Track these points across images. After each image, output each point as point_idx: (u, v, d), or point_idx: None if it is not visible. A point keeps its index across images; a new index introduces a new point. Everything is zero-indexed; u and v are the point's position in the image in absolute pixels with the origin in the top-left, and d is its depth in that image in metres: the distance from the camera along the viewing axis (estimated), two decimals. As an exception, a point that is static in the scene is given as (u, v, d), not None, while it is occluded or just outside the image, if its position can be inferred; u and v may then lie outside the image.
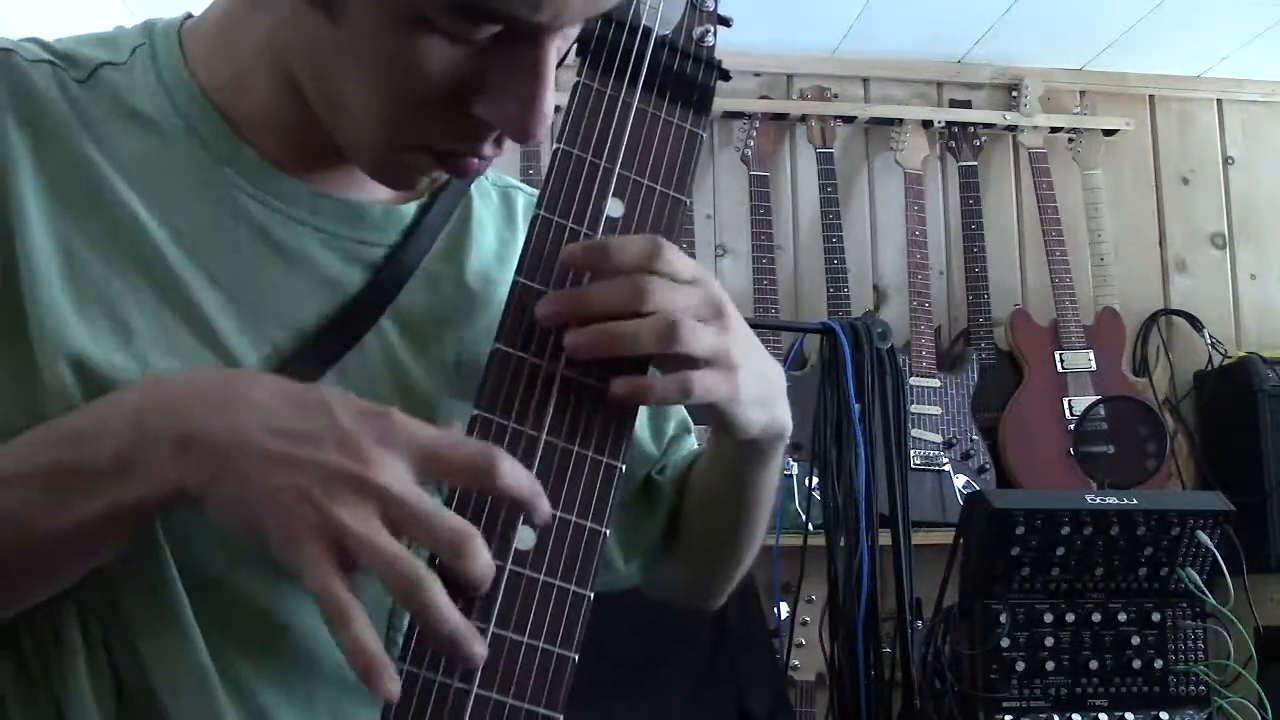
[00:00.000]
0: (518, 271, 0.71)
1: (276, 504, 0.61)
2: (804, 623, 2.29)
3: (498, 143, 0.74)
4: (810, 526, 2.14)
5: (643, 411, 0.96)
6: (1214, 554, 1.96)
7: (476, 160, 0.75)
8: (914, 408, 2.80)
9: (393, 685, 0.60)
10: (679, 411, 1.00)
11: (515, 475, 0.64)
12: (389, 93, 0.70)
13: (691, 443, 1.00)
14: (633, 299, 0.69)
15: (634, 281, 0.70)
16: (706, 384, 0.72)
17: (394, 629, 0.78)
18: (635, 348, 0.69)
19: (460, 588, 0.63)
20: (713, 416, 0.78)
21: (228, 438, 0.63)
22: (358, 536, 0.60)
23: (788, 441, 0.88)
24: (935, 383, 2.89)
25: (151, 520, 0.67)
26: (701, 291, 0.73)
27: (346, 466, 0.61)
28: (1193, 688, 1.99)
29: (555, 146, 0.73)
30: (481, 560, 0.62)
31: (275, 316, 0.76)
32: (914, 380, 2.84)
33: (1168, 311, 3.15)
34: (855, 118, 3.08)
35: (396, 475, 0.62)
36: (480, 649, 0.63)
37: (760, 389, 0.77)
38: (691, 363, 0.71)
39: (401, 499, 0.61)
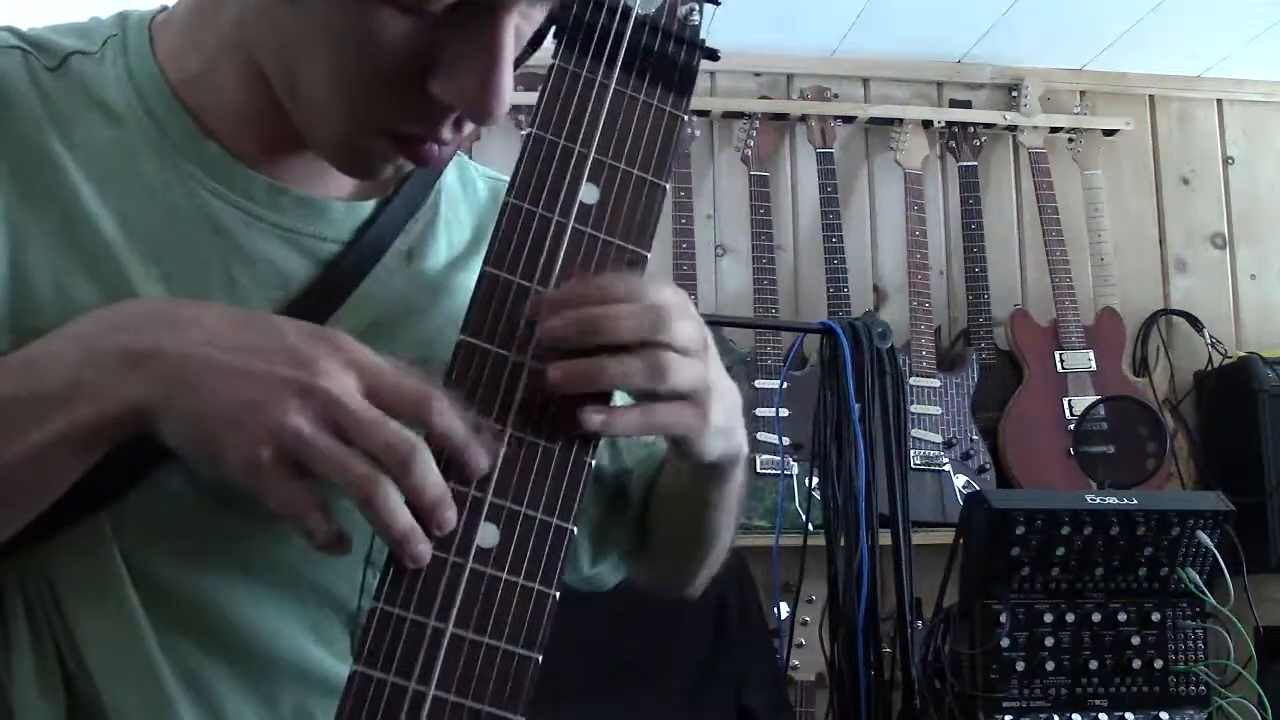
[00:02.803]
0: (486, 261, 0.68)
1: (229, 417, 0.61)
2: (804, 623, 2.29)
3: (457, 126, 0.73)
4: (810, 526, 2.14)
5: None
6: (1214, 554, 1.96)
7: (437, 146, 0.74)
8: (914, 408, 2.80)
9: (339, 535, 0.62)
10: None
11: (451, 419, 0.63)
12: (346, 70, 0.69)
13: (663, 444, 1.00)
14: (651, 331, 0.67)
15: (654, 312, 0.68)
16: (682, 418, 0.71)
17: (357, 625, 0.78)
18: (620, 385, 0.68)
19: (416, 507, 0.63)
20: (673, 441, 0.77)
21: (179, 353, 0.63)
22: (308, 441, 0.61)
23: (744, 462, 0.86)
24: (935, 383, 2.89)
25: (109, 441, 0.66)
26: (693, 325, 0.71)
27: (295, 376, 0.62)
28: (1193, 688, 1.99)
29: (528, 131, 0.70)
30: (428, 469, 0.62)
31: None
32: (914, 380, 2.84)
33: (1168, 311, 3.15)
34: (855, 118, 3.08)
35: (344, 385, 0.62)
36: (426, 547, 0.63)
37: (725, 418, 0.75)
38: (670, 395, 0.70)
39: (349, 406, 0.61)
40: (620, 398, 0.90)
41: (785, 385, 2.49)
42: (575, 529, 0.67)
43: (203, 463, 0.63)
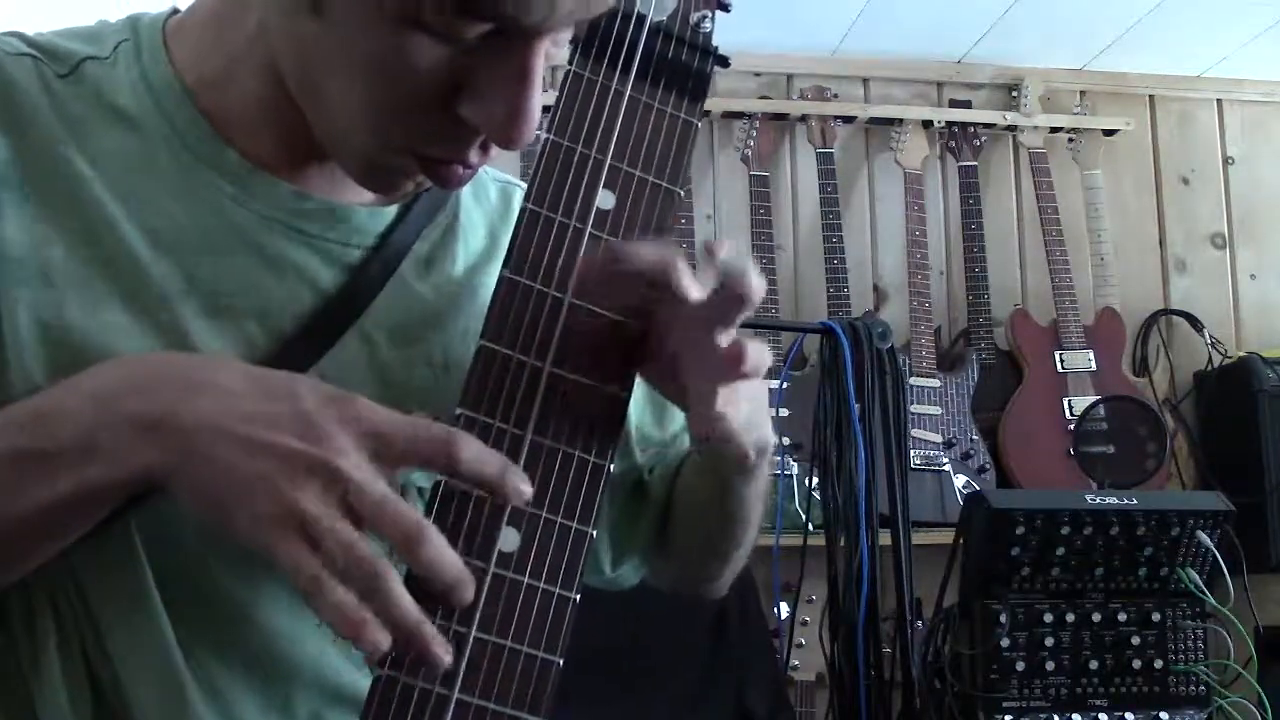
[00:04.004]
0: (505, 266, 0.69)
1: (240, 489, 0.61)
2: (804, 623, 2.29)
3: (484, 149, 0.73)
4: (810, 526, 2.14)
5: (645, 409, 0.95)
6: (1214, 554, 1.96)
7: (461, 169, 0.73)
8: (914, 408, 2.80)
9: (381, 635, 0.60)
10: (672, 419, 0.98)
11: (479, 455, 0.63)
12: (374, 92, 0.69)
13: (684, 442, 0.99)
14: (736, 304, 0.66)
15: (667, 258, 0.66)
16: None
17: None
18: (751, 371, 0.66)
19: (431, 591, 0.62)
20: (699, 441, 0.76)
21: (194, 422, 0.62)
22: (317, 524, 0.60)
23: (769, 455, 0.85)
24: (935, 383, 2.89)
25: (118, 500, 0.66)
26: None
27: (308, 451, 0.61)
28: (1193, 688, 1.99)
29: (544, 137, 0.71)
30: (434, 550, 0.61)
31: (254, 319, 0.76)
32: (914, 380, 2.84)
33: (1168, 311, 3.15)
34: (855, 118, 3.08)
35: (357, 462, 0.61)
36: (442, 651, 0.61)
37: (750, 413, 0.75)
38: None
39: (359, 485, 0.61)
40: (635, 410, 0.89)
41: (785, 385, 2.49)
42: (595, 533, 0.67)
43: (212, 522, 0.63)
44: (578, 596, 0.66)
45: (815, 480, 2.06)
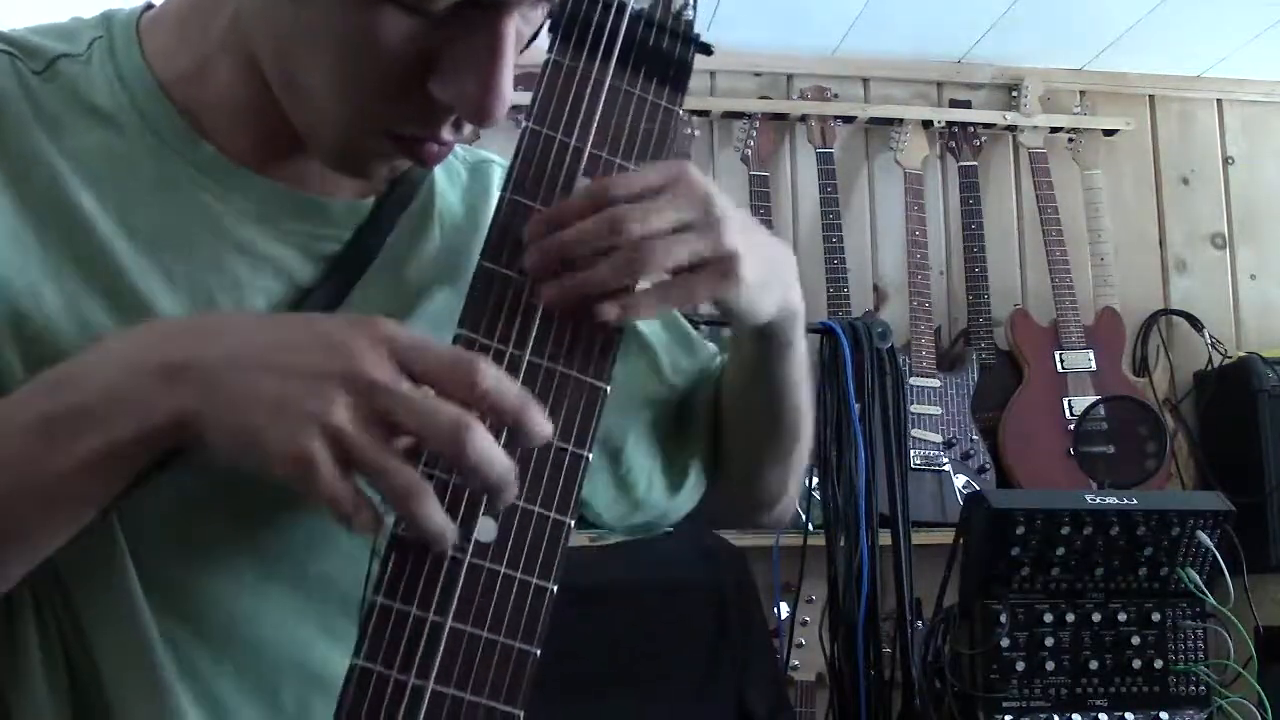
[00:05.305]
0: (483, 255, 0.69)
1: (266, 414, 0.60)
2: (804, 623, 2.29)
3: (457, 126, 0.73)
4: (810, 526, 2.14)
5: (672, 346, 0.96)
6: (1214, 554, 1.96)
7: (437, 146, 0.74)
8: (914, 408, 2.80)
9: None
10: (703, 346, 0.99)
11: (499, 385, 0.62)
12: (347, 69, 0.69)
13: (717, 360, 0.99)
14: (608, 235, 0.67)
15: (608, 215, 0.67)
16: (700, 288, 0.70)
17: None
18: (609, 286, 0.67)
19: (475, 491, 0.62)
20: (723, 311, 0.76)
21: (216, 360, 0.62)
22: (352, 439, 0.59)
23: (802, 325, 0.86)
24: (935, 383, 2.89)
25: (149, 458, 0.65)
26: (679, 198, 0.69)
27: (335, 365, 0.60)
28: (1193, 688, 1.99)
29: (524, 125, 0.71)
30: (477, 446, 0.60)
31: None
32: (914, 380, 2.84)
33: (1168, 311, 3.15)
34: (855, 118, 3.08)
35: (385, 369, 0.60)
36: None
37: (764, 272, 0.74)
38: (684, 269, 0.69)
39: (391, 390, 0.60)
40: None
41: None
42: (573, 523, 0.67)
43: (252, 467, 0.62)
44: (555, 587, 0.66)
45: (815, 480, 2.06)
